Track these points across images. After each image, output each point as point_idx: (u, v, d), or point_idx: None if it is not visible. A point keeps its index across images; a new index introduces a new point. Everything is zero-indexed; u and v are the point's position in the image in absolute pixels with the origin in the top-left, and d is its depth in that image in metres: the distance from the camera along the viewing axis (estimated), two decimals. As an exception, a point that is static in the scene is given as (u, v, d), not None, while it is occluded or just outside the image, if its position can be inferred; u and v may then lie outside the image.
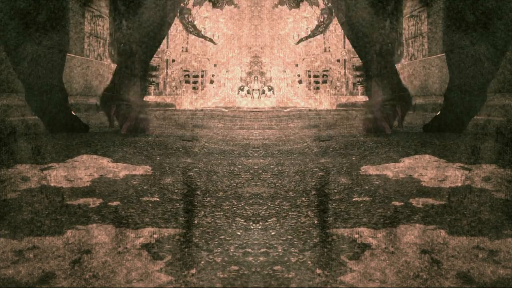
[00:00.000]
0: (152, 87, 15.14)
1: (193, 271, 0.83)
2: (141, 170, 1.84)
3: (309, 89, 15.42)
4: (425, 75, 10.61)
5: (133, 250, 0.94)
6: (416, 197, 1.38)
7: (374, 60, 3.73)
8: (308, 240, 1.00)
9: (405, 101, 3.84)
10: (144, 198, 1.38)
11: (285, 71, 13.40)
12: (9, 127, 3.60)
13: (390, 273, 0.83)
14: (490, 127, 3.72)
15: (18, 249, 0.94)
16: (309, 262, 0.88)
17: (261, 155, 2.28)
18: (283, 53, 13.29)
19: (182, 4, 3.54)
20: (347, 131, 3.67)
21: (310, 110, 9.66)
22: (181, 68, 14.98)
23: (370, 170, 1.85)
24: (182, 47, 15.42)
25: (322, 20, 3.33)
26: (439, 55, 9.14)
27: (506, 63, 6.07)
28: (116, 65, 3.75)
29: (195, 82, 15.87)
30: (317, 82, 15.83)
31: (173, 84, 15.38)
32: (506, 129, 3.42)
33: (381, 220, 1.16)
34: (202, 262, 0.87)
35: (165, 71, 15.20)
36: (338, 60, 15.27)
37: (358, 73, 15.06)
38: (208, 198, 1.39)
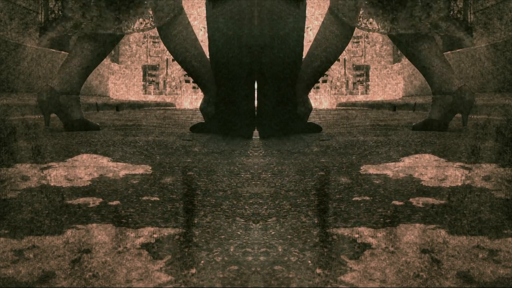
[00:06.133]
0: (152, 87, 15.12)
1: (193, 270, 0.83)
2: (141, 169, 1.84)
3: (309, 89, 15.30)
4: (425, 75, 10.45)
5: (133, 250, 0.94)
6: (416, 197, 1.38)
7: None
8: (308, 240, 1.00)
9: None
10: (144, 198, 1.38)
11: (285, 71, 13.37)
12: (9, 127, 3.60)
13: (390, 273, 0.83)
14: (490, 127, 3.72)
15: (18, 248, 0.94)
16: (309, 261, 0.88)
17: (261, 154, 2.28)
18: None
19: None
20: (347, 130, 3.67)
21: (310, 110, 9.58)
22: (181, 68, 14.87)
23: (370, 169, 1.85)
24: (182, 47, 15.31)
25: None
26: (439, 55, 9.02)
27: (506, 63, 6.07)
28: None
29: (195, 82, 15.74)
30: (318, 81, 15.83)
31: (173, 84, 15.38)
32: (506, 129, 3.42)
33: (381, 219, 1.16)
34: (202, 262, 0.87)
35: (165, 70, 15.19)
36: (338, 60, 15.27)
37: (358, 72, 15.06)
38: (208, 198, 1.39)
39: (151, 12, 3.40)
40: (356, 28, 3.56)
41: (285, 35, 3.43)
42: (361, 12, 3.42)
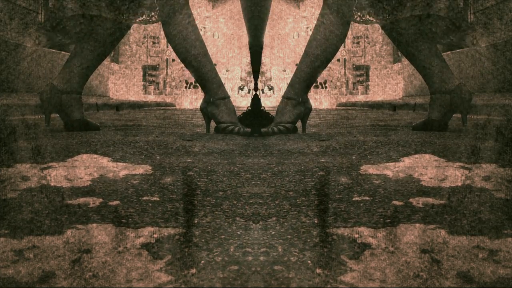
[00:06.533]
0: (152, 87, 15.13)
1: (193, 270, 0.83)
2: (141, 169, 1.84)
3: (309, 89, 15.32)
4: (425, 75, 10.45)
5: (133, 250, 0.94)
6: (416, 197, 1.38)
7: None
8: (308, 240, 1.00)
9: None
10: (144, 198, 1.38)
11: (285, 71, 13.39)
12: (9, 127, 3.60)
13: (390, 273, 0.83)
14: (490, 127, 3.72)
15: (18, 248, 0.94)
16: (309, 261, 0.88)
17: (261, 154, 2.28)
18: (283, 53, 13.29)
19: None
20: (347, 130, 3.67)
21: (310, 110, 9.59)
22: (181, 67, 15.01)
23: (370, 169, 1.85)
24: (182, 47, 15.32)
25: None
26: (439, 55, 9.00)
27: (506, 63, 6.07)
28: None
29: (195, 82, 15.85)
30: (317, 82, 15.82)
31: (173, 83, 15.38)
32: (506, 129, 3.42)
33: (381, 219, 1.16)
34: (202, 262, 0.87)
35: (165, 70, 15.20)
36: (338, 60, 15.28)
37: (358, 72, 15.08)
38: (208, 198, 1.39)
39: (156, 8, 3.42)
40: (355, 25, 3.60)
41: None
42: (360, 8, 3.42)
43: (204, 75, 3.57)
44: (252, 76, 3.47)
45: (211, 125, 3.59)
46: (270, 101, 12.97)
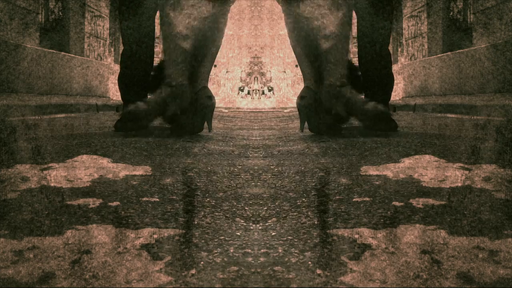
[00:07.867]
0: (152, 87, 15.04)
1: (193, 271, 0.83)
2: (141, 170, 1.84)
3: (309, 89, 15.31)
4: (425, 75, 10.60)
5: (133, 250, 0.94)
6: (416, 197, 1.38)
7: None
8: (308, 241, 1.00)
9: None
10: (144, 198, 1.38)
11: (285, 72, 13.38)
12: (9, 127, 3.61)
13: (390, 273, 0.83)
14: (490, 127, 3.72)
15: (18, 249, 0.94)
16: (310, 262, 0.88)
17: (261, 155, 2.28)
18: (283, 53, 13.28)
19: None
20: (347, 131, 3.67)
21: (310, 110, 9.58)
22: (181, 68, 14.87)
23: (370, 170, 1.85)
24: (182, 47, 15.33)
25: None
26: (439, 55, 9.12)
27: (506, 63, 6.07)
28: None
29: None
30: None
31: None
32: (506, 129, 3.42)
33: (381, 220, 1.16)
34: (201, 263, 0.87)
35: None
36: (338, 60, 15.17)
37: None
38: (208, 199, 1.39)
39: None
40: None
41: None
42: None
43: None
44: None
45: (212, 125, 3.59)
46: (270, 101, 12.96)
